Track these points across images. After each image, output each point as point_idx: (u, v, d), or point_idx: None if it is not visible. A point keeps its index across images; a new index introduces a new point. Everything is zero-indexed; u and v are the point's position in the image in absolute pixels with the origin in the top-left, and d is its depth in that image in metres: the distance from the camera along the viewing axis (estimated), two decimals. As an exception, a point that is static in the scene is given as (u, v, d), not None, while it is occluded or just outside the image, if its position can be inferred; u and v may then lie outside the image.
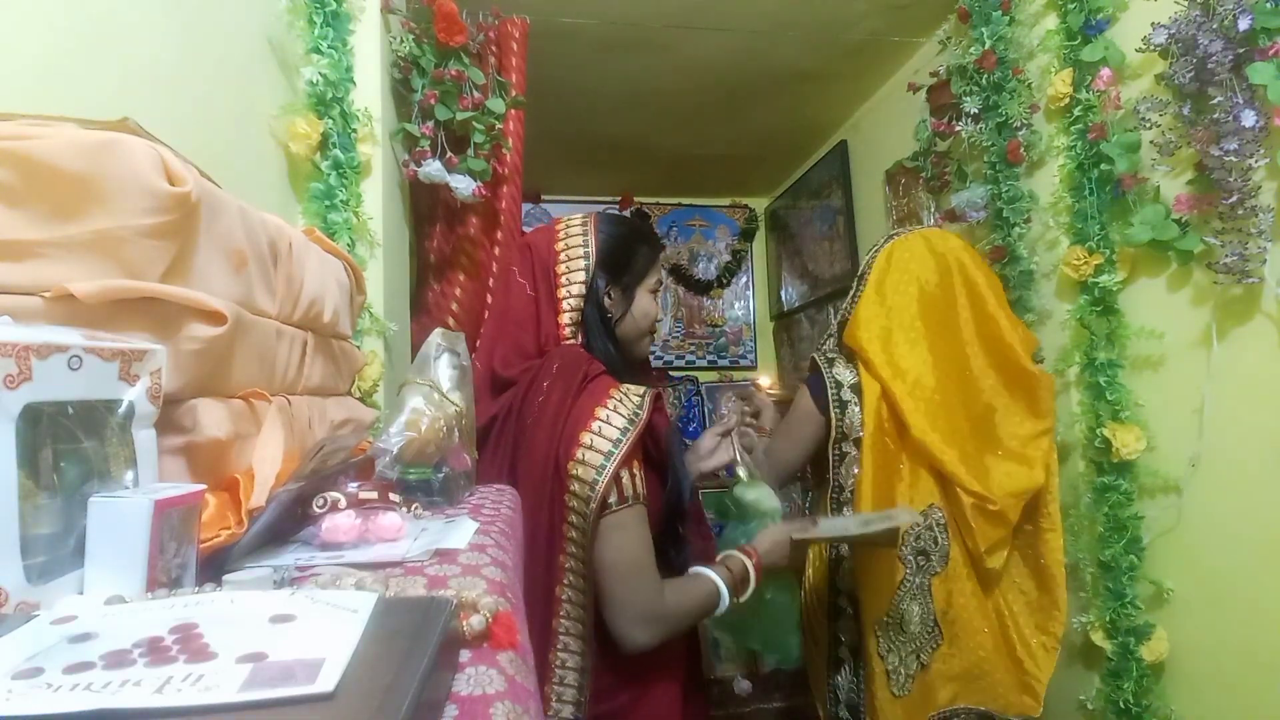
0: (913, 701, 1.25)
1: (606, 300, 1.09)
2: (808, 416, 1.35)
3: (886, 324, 1.33)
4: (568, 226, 1.12)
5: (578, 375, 0.98)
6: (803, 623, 1.37)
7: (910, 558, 1.27)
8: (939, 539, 1.28)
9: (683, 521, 1.09)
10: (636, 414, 0.95)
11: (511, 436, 1.02)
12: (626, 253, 1.11)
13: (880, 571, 1.27)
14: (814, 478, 1.45)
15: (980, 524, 1.24)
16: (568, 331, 1.06)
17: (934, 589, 1.27)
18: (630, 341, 1.13)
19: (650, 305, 1.14)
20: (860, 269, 1.43)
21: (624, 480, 0.93)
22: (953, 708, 1.28)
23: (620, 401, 0.95)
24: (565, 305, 1.07)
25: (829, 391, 1.32)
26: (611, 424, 0.93)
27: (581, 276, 1.07)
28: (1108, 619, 1.39)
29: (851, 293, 1.41)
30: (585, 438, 0.93)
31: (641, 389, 0.99)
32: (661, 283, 1.16)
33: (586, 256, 1.08)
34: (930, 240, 1.38)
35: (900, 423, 1.27)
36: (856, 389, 1.31)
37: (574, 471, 0.92)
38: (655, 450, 1.03)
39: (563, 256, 1.09)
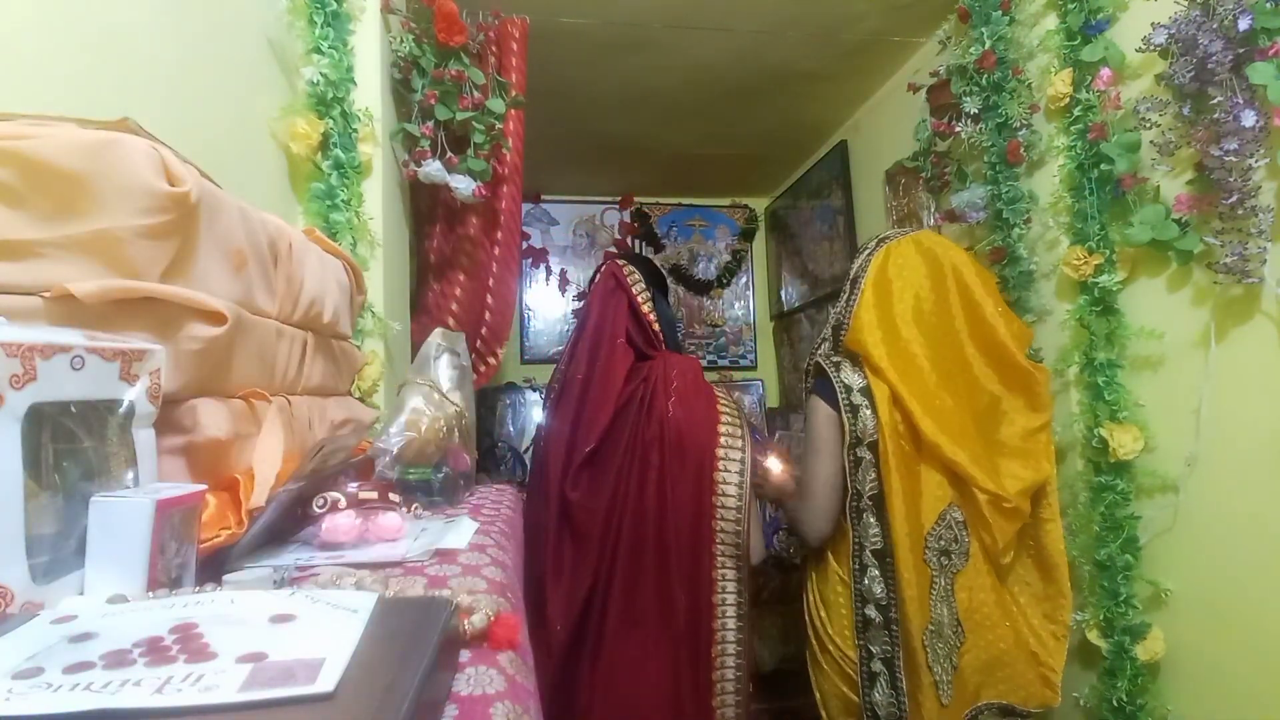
0: (952, 709, 1.25)
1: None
2: (829, 420, 1.34)
3: (888, 328, 1.33)
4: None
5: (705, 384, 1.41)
6: (814, 640, 1.37)
7: (934, 559, 1.27)
8: (960, 537, 1.28)
9: None
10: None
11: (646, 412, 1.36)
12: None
13: (916, 579, 1.26)
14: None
15: (998, 520, 1.25)
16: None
17: (956, 588, 1.27)
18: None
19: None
20: (852, 273, 1.42)
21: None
22: (977, 705, 1.28)
23: (725, 400, 1.40)
24: (651, 317, 1.48)
25: (839, 395, 1.32)
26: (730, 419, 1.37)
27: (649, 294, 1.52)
28: (1102, 618, 1.39)
29: (845, 296, 1.41)
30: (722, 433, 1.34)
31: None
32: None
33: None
34: (922, 244, 1.37)
35: (912, 425, 1.27)
36: (866, 392, 1.31)
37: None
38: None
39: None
